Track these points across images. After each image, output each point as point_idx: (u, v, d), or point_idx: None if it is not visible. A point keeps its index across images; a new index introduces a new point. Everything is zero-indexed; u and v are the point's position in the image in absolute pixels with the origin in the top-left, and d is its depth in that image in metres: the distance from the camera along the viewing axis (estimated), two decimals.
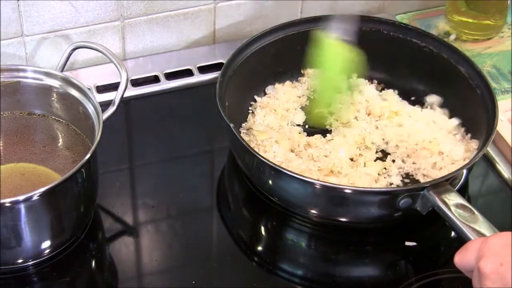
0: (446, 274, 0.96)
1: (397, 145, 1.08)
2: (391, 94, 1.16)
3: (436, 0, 1.36)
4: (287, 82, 1.17)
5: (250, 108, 1.14)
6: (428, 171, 1.04)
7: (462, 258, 0.80)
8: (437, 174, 1.03)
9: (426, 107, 1.14)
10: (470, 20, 1.29)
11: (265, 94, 1.16)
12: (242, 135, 1.08)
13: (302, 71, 1.18)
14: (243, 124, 1.11)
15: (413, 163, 1.06)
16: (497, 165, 1.11)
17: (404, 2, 1.36)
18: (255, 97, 1.15)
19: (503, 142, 1.12)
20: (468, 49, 1.28)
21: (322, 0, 1.30)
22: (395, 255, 1.00)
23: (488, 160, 1.11)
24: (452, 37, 1.30)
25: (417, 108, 1.13)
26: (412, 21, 1.34)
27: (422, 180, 1.04)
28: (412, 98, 1.16)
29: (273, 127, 1.10)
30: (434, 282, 0.95)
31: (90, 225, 1.00)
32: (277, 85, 1.16)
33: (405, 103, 1.15)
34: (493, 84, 1.19)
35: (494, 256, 0.75)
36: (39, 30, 1.16)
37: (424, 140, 1.07)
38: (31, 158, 1.01)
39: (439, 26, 1.34)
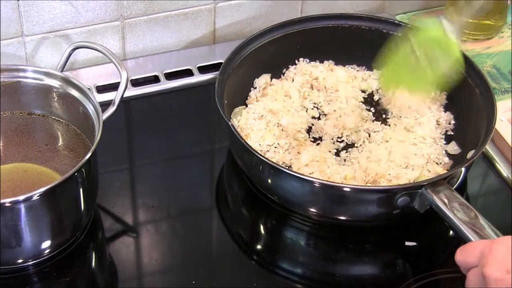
0: (445, 274, 0.96)
1: None
2: None
3: (436, 0, 1.37)
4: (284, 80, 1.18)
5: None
6: None
7: (464, 259, 0.81)
8: None
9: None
10: (470, 20, 1.29)
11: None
12: None
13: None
14: None
15: None
16: (497, 165, 1.11)
17: (404, 2, 1.36)
18: (252, 88, 1.15)
19: (503, 142, 1.12)
20: (468, 49, 1.28)
21: (322, 0, 1.30)
22: (395, 254, 1.00)
23: (488, 160, 1.11)
24: None
25: None
26: (412, 21, 1.34)
27: None
28: None
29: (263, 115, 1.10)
30: (433, 282, 0.95)
31: (90, 225, 1.00)
32: (276, 81, 1.17)
33: None
34: (493, 84, 1.19)
35: (499, 263, 0.76)
36: (39, 30, 1.16)
37: None
38: (31, 158, 1.01)
39: None
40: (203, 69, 1.24)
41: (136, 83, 1.22)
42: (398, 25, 1.16)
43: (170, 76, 1.23)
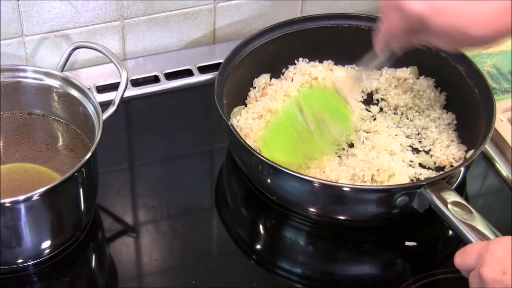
0: (445, 274, 0.96)
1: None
2: None
3: None
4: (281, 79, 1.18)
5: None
6: None
7: (462, 261, 0.81)
8: None
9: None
10: None
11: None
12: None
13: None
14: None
15: None
16: (496, 164, 1.11)
17: None
18: (251, 88, 1.15)
19: (503, 142, 1.12)
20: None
21: (322, 0, 1.30)
22: (395, 254, 1.00)
23: (487, 160, 1.11)
24: None
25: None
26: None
27: None
28: None
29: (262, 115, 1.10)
30: (433, 282, 0.96)
31: (90, 225, 1.00)
32: (275, 81, 1.17)
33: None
34: (493, 84, 1.19)
35: (496, 264, 0.76)
36: (39, 30, 1.16)
37: None
38: (31, 158, 1.01)
39: None
40: (203, 69, 1.24)
41: (136, 83, 1.22)
42: None
43: (170, 76, 1.23)
